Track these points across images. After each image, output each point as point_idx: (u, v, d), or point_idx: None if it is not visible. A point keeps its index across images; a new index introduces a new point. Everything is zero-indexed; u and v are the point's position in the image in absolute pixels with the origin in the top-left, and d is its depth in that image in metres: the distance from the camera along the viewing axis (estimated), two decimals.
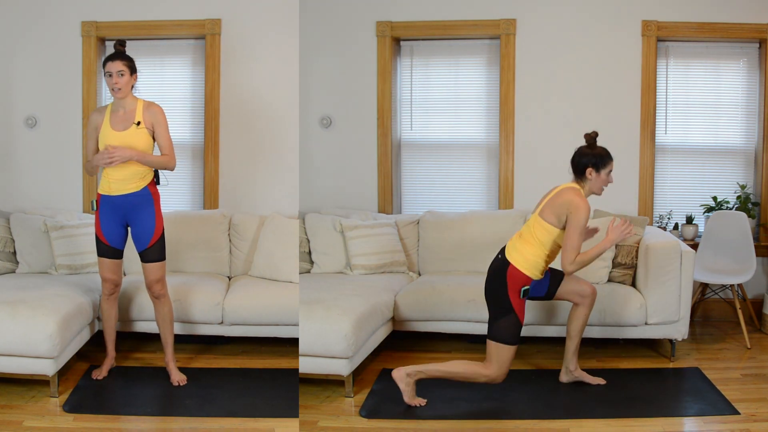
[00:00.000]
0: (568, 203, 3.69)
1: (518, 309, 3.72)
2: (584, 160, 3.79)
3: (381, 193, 5.85)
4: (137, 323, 4.56)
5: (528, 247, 3.76)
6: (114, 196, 3.99)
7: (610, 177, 3.83)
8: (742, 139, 5.64)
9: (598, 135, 3.83)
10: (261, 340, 4.75)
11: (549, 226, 3.74)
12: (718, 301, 5.57)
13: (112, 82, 3.90)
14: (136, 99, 4.01)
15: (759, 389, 4.02)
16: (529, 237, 3.78)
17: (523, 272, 3.73)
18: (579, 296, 4.01)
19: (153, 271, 4.07)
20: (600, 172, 3.78)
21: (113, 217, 4.02)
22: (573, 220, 3.67)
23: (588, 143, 3.83)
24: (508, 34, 5.64)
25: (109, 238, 4.02)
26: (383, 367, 4.38)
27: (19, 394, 3.86)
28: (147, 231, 4.02)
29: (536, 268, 3.77)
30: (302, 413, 3.74)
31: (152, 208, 4.04)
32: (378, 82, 5.79)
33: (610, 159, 3.81)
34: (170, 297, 4.21)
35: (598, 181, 3.80)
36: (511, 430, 3.56)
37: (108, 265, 4.07)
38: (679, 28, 5.50)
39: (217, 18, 5.47)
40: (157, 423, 3.62)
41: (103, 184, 4.02)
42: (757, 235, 5.54)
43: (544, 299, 4.07)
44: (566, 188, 3.78)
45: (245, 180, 5.54)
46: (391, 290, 4.70)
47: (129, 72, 3.94)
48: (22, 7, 5.44)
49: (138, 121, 3.95)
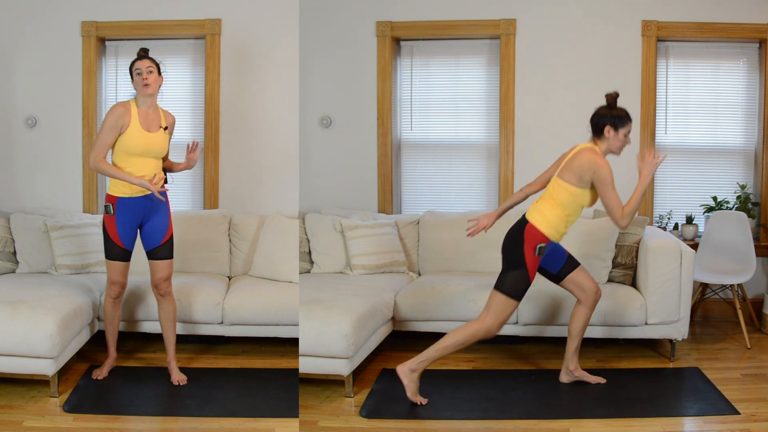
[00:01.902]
0: (588, 163, 3.72)
1: (530, 265, 3.74)
2: (603, 119, 3.82)
3: (381, 193, 5.85)
4: (142, 323, 4.56)
5: (548, 207, 3.78)
6: (135, 197, 3.99)
7: (628, 138, 3.85)
8: (742, 139, 5.64)
9: (618, 95, 3.86)
10: (261, 340, 4.75)
11: (570, 186, 3.76)
12: (718, 301, 5.57)
13: (141, 78, 3.94)
14: (157, 105, 4.08)
15: (759, 389, 4.02)
16: (549, 198, 3.81)
17: (540, 230, 3.75)
18: (582, 291, 4.01)
19: (162, 268, 4.09)
20: (618, 131, 3.80)
21: (130, 219, 4.01)
22: (601, 177, 3.70)
23: (608, 103, 3.86)
24: (508, 34, 5.64)
25: (124, 241, 4.01)
26: (383, 367, 4.38)
27: (19, 394, 3.86)
28: (161, 229, 4.07)
29: (555, 228, 3.78)
30: (302, 413, 3.74)
31: (167, 206, 4.10)
32: (378, 82, 5.79)
33: (629, 120, 3.83)
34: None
35: (616, 140, 3.82)
36: (511, 430, 3.56)
37: (118, 268, 4.05)
38: (679, 28, 5.50)
39: (217, 18, 5.47)
40: (157, 423, 3.62)
41: (120, 187, 3.98)
42: (757, 235, 5.54)
43: (553, 279, 4.07)
44: (583, 149, 3.80)
45: (245, 180, 5.54)
46: (391, 290, 4.70)
47: (156, 70, 3.99)
48: (22, 7, 5.44)
49: (165, 126, 4.05)
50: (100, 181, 5.58)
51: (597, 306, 4.35)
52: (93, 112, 5.50)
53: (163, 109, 4.13)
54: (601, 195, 3.76)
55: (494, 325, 3.78)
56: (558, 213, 3.78)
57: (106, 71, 5.64)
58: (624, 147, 3.87)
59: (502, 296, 3.75)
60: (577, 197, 3.79)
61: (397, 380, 3.84)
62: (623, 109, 3.85)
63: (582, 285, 4.02)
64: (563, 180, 3.79)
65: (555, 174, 3.86)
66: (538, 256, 3.76)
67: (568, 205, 3.79)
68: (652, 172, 3.78)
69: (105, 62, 5.63)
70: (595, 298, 4.03)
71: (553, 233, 3.80)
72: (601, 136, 3.83)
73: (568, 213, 3.80)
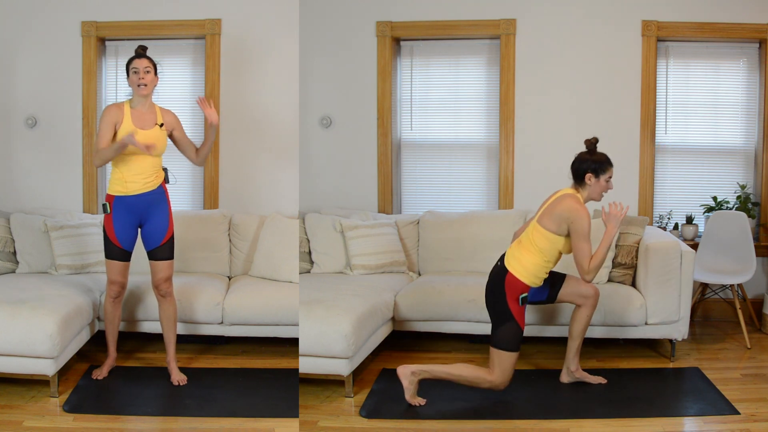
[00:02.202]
0: (568, 211, 3.68)
1: (518, 316, 3.73)
2: (584, 165, 3.78)
3: (381, 193, 5.85)
4: (142, 323, 4.56)
5: (527, 255, 3.75)
6: (130, 196, 3.99)
7: (610, 183, 3.82)
8: (742, 139, 5.64)
9: (598, 141, 3.83)
10: (261, 340, 4.75)
11: (548, 233, 3.73)
12: (718, 301, 5.57)
13: (137, 78, 3.95)
14: (153, 103, 4.09)
15: (759, 389, 4.02)
16: (528, 244, 3.78)
17: (521, 280, 3.73)
18: (582, 297, 4.01)
19: (162, 269, 4.09)
20: (600, 178, 3.78)
21: (128, 218, 4.02)
22: (577, 228, 3.67)
23: (588, 149, 3.82)
24: (508, 34, 5.64)
25: (121, 240, 4.01)
26: (383, 367, 4.38)
27: (19, 394, 3.86)
28: (161, 229, 4.06)
29: (535, 275, 3.77)
30: (302, 413, 3.74)
31: (166, 206, 4.09)
32: (378, 82, 5.79)
33: (609, 165, 3.80)
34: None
35: (597, 187, 3.79)
36: (511, 430, 3.56)
37: (117, 268, 4.06)
38: (679, 28, 5.50)
39: (217, 18, 5.47)
40: (157, 423, 3.62)
41: (116, 186, 4.00)
42: (757, 235, 5.54)
43: (546, 303, 4.07)
44: (564, 195, 3.77)
45: (245, 180, 5.54)
46: (391, 290, 4.70)
47: (153, 71, 4.00)
48: (22, 7, 5.44)
49: (161, 122, 4.03)
50: (100, 181, 5.58)
51: (597, 306, 4.35)
52: (93, 112, 5.50)
53: (162, 107, 4.13)
54: (573, 243, 3.70)
55: (502, 382, 3.77)
56: (537, 260, 3.76)
57: (106, 71, 5.64)
58: (605, 192, 3.83)
59: (501, 352, 3.74)
60: (556, 244, 3.75)
61: (397, 380, 3.84)
62: (603, 154, 3.80)
63: (579, 292, 4.01)
64: (542, 227, 3.75)
65: (535, 219, 3.83)
66: (522, 306, 3.75)
67: (548, 251, 3.76)
68: (617, 225, 3.71)
69: (105, 62, 5.63)
70: (594, 299, 4.03)
71: (534, 280, 3.78)
72: (582, 184, 3.80)
73: (547, 260, 3.78)
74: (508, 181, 5.70)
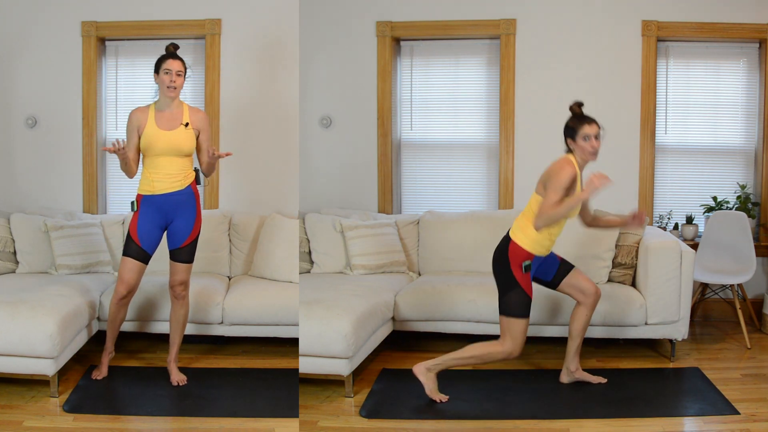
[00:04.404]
0: (550, 169, 3.72)
1: (523, 283, 3.74)
2: (564, 132, 3.82)
3: (381, 193, 5.85)
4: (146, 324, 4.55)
5: (527, 223, 3.77)
6: (157, 195, 3.97)
7: (592, 141, 3.72)
8: (742, 139, 5.64)
9: (581, 104, 3.83)
10: (261, 340, 4.75)
11: (540, 197, 3.75)
12: (718, 301, 5.57)
13: (169, 79, 3.93)
14: (181, 102, 4.05)
15: (759, 389, 4.02)
16: (529, 213, 3.80)
17: (523, 248, 3.74)
18: (581, 293, 4.01)
19: (181, 271, 4.06)
20: (576, 140, 3.75)
21: (154, 218, 3.99)
22: (552, 179, 3.66)
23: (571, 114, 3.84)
24: (508, 34, 5.64)
25: (142, 240, 3.98)
26: (383, 367, 4.38)
27: (19, 394, 3.86)
28: (185, 229, 4.03)
29: (538, 243, 3.76)
30: (302, 413, 3.74)
31: (194, 207, 4.05)
32: (378, 82, 5.79)
33: (581, 124, 3.74)
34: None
35: (579, 148, 3.76)
36: (511, 430, 3.57)
37: (131, 266, 3.98)
38: (679, 28, 5.50)
39: (217, 18, 5.47)
40: (157, 423, 3.62)
41: (144, 185, 3.99)
42: (757, 235, 5.54)
43: (549, 286, 4.06)
44: (557, 159, 3.79)
45: (245, 180, 5.54)
46: (391, 290, 4.70)
47: (184, 73, 3.99)
48: (22, 7, 5.44)
49: (186, 122, 3.99)
50: (100, 181, 5.58)
51: (597, 306, 4.35)
52: (93, 112, 5.50)
53: (191, 105, 4.08)
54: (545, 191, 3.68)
55: (515, 349, 3.76)
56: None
57: (106, 71, 5.63)
58: (594, 150, 3.74)
59: (510, 319, 3.74)
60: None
61: (397, 380, 3.86)
62: (573, 116, 3.79)
63: (580, 287, 4.01)
64: (537, 193, 3.78)
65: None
66: (526, 273, 3.75)
67: None
68: (591, 193, 3.61)
69: (105, 62, 5.63)
70: (594, 298, 4.02)
71: (537, 248, 3.77)
72: (570, 149, 3.82)
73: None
74: (508, 181, 5.70)
